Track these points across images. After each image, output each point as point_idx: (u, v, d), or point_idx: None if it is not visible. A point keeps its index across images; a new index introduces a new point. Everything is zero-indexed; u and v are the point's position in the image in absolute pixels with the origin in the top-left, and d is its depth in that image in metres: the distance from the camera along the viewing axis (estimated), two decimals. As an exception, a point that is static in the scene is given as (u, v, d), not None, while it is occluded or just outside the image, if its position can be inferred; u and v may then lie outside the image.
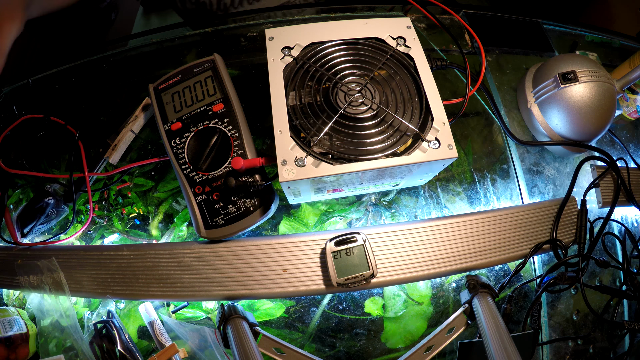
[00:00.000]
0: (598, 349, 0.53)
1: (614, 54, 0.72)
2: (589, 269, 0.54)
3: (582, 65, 0.52)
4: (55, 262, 0.47)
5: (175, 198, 0.54)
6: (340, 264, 0.42)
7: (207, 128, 0.46)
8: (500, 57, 0.63)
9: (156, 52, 0.66)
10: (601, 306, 0.53)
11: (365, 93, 0.43)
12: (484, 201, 0.55)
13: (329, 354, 0.49)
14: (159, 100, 0.49)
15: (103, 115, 0.59)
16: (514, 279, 0.49)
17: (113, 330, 0.45)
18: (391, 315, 0.50)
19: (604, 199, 0.53)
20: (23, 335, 0.47)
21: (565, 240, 0.49)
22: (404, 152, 0.40)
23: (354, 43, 0.46)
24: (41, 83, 0.63)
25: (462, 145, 0.58)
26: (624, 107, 0.64)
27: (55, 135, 0.56)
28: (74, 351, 0.45)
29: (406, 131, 0.41)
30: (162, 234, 0.53)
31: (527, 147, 0.58)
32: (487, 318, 0.41)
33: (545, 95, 0.54)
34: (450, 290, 0.51)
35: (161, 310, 0.49)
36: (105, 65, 0.64)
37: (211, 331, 0.46)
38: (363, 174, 0.41)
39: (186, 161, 0.46)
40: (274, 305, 0.50)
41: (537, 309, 0.48)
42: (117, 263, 0.46)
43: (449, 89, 0.59)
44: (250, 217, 0.45)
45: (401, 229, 0.47)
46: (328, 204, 0.53)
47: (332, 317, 0.50)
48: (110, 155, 0.53)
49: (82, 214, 0.54)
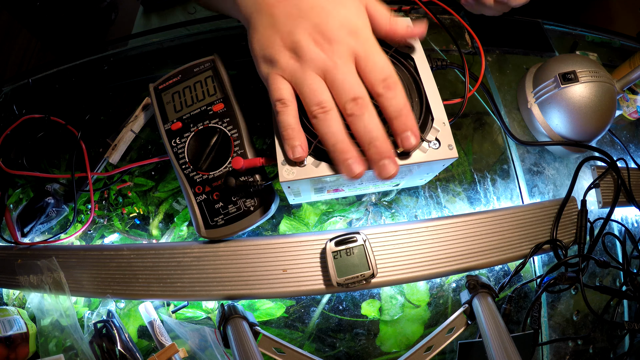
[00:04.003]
0: (598, 349, 0.53)
1: (614, 54, 0.72)
2: (589, 269, 0.54)
3: (583, 66, 0.52)
4: (55, 261, 0.47)
5: (175, 198, 0.54)
6: (340, 264, 0.42)
7: (207, 128, 0.46)
8: (500, 57, 0.63)
9: (156, 52, 0.66)
10: (601, 306, 0.53)
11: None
12: (484, 201, 0.55)
13: (329, 354, 0.49)
14: (159, 100, 0.49)
15: (103, 115, 0.59)
16: (514, 279, 0.49)
17: (113, 330, 0.45)
18: (387, 318, 0.50)
19: (604, 199, 0.53)
20: (23, 335, 0.47)
21: (565, 240, 0.49)
22: (404, 152, 0.40)
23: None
24: (41, 83, 0.63)
25: (462, 145, 0.58)
26: (624, 107, 0.64)
27: (55, 135, 0.56)
28: (74, 351, 0.45)
29: (406, 131, 0.41)
30: (162, 233, 0.53)
31: (527, 147, 0.58)
32: (487, 318, 0.41)
33: (545, 95, 0.54)
34: (450, 290, 0.51)
35: (161, 310, 0.49)
36: (105, 65, 0.64)
37: (211, 331, 0.46)
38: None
39: (186, 161, 0.46)
40: (274, 305, 0.50)
41: (537, 309, 0.48)
42: (117, 263, 0.46)
43: (449, 89, 0.59)
44: (250, 217, 0.45)
45: (401, 229, 0.47)
46: (328, 203, 0.53)
47: (332, 317, 0.50)
48: (110, 155, 0.53)
49: (82, 213, 0.54)
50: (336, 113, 0.35)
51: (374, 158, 0.34)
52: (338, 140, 0.34)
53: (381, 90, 0.34)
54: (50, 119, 0.55)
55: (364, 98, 0.34)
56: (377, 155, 0.34)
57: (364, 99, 0.34)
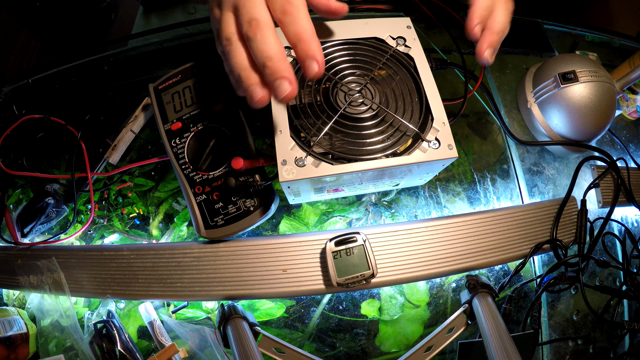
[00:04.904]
0: (598, 349, 0.53)
1: (614, 54, 0.72)
2: (589, 269, 0.54)
3: (582, 65, 0.52)
4: (55, 262, 0.47)
5: (175, 198, 0.54)
6: (340, 264, 0.42)
7: (207, 128, 0.46)
8: (500, 57, 0.63)
9: (156, 52, 0.66)
10: (601, 306, 0.53)
11: (365, 93, 0.43)
12: (484, 201, 0.55)
13: (329, 354, 0.49)
14: (159, 100, 0.49)
15: (103, 115, 0.59)
16: (514, 279, 0.49)
17: (113, 330, 0.45)
18: (387, 318, 0.50)
19: (604, 199, 0.53)
20: (23, 335, 0.47)
21: (565, 240, 0.49)
22: (404, 152, 0.40)
23: (353, 43, 0.46)
24: (41, 83, 0.63)
25: (462, 145, 0.58)
26: (624, 107, 0.64)
27: (55, 135, 0.56)
28: (74, 351, 0.45)
29: (406, 131, 0.41)
30: (162, 234, 0.53)
31: (527, 147, 0.58)
32: (487, 318, 0.41)
33: (545, 95, 0.54)
34: (450, 290, 0.51)
35: (161, 310, 0.49)
36: (105, 65, 0.64)
37: (211, 331, 0.46)
38: (363, 174, 0.41)
39: (186, 161, 0.46)
40: (274, 305, 0.50)
41: (537, 309, 0.48)
42: (117, 263, 0.46)
43: (449, 89, 0.59)
44: (250, 217, 0.45)
45: (401, 229, 0.47)
46: (328, 203, 0.53)
47: (332, 317, 0.50)
48: (110, 155, 0.53)
49: (82, 214, 0.54)
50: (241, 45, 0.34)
51: (268, 80, 0.32)
52: (241, 68, 0.33)
53: (279, 15, 0.33)
54: (50, 119, 0.55)
55: (259, 20, 0.33)
56: (270, 76, 0.32)
57: (259, 21, 0.33)
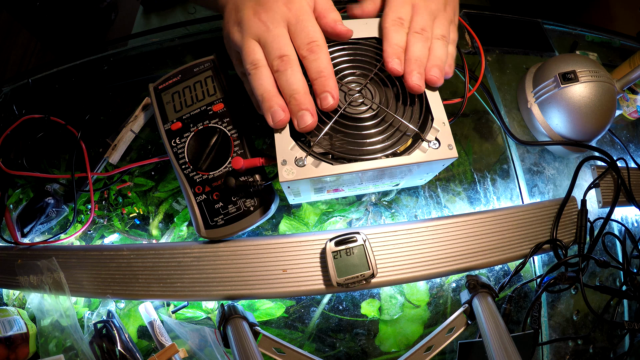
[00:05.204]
0: (598, 349, 0.53)
1: (614, 54, 0.72)
2: (589, 269, 0.54)
3: (582, 65, 0.52)
4: (55, 262, 0.47)
5: (175, 198, 0.54)
6: (340, 264, 0.42)
7: (207, 128, 0.46)
8: (500, 57, 0.63)
9: (156, 52, 0.66)
10: (601, 306, 0.53)
11: (365, 93, 0.43)
12: (484, 201, 0.55)
13: (329, 354, 0.49)
14: (159, 100, 0.49)
15: (103, 115, 0.59)
16: (514, 279, 0.49)
17: (113, 330, 0.45)
18: (387, 318, 0.50)
19: (604, 199, 0.53)
20: (23, 335, 0.47)
21: (565, 240, 0.49)
22: (404, 152, 0.40)
23: (353, 43, 0.46)
24: (41, 83, 0.63)
25: (462, 145, 0.58)
26: (624, 107, 0.64)
27: (55, 135, 0.56)
28: (74, 351, 0.45)
29: (406, 131, 0.41)
30: (162, 233, 0.53)
31: (527, 147, 0.58)
32: (487, 318, 0.41)
33: (545, 95, 0.54)
34: (450, 290, 0.51)
35: (161, 310, 0.49)
36: (105, 65, 0.64)
37: (211, 331, 0.46)
38: (363, 174, 0.41)
39: (186, 161, 0.46)
40: (274, 305, 0.50)
41: (537, 309, 0.48)
42: (117, 263, 0.46)
43: (449, 89, 0.59)
44: (250, 217, 0.45)
45: (401, 229, 0.47)
46: (328, 203, 0.53)
47: (331, 317, 0.50)
48: (110, 155, 0.53)
49: (82, 213, 0.54)
50: (267, 70, 0.39)
51: (293, 110, 0.38)
52: (265, 90, 0.38)
53: (305, 52, 0.38)
54: (50, 119, 0.55)
55: (290, 56, 0.38)
56: (296, 106, 0.37)
57: (289, 57, 0.38)
